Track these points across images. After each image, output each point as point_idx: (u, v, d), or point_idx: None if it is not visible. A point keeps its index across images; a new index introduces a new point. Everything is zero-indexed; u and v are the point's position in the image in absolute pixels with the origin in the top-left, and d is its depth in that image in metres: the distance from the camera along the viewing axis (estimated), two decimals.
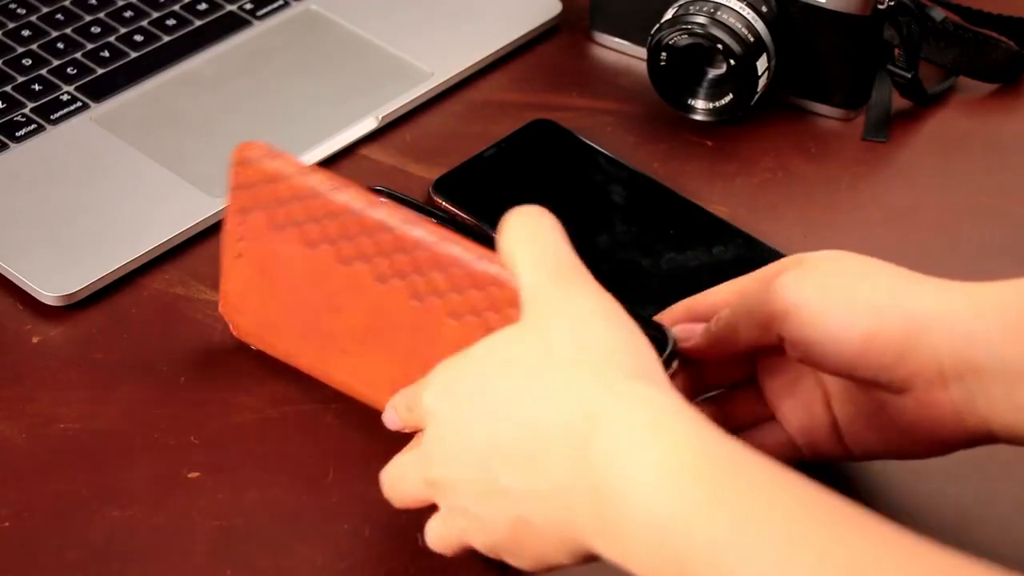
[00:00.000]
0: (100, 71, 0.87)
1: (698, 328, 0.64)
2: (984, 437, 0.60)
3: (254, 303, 0.70)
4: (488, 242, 0.62)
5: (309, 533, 0.67)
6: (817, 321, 0.60)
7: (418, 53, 0.88)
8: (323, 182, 0.66)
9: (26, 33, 0.89)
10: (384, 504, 0.67)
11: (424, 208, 0.76)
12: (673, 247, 0.77)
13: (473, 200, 0.79)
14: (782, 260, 0.64)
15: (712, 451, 0.52)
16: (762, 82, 0.82)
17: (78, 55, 0.87)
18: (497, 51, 0.89)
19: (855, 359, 0.59)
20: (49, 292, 0.75)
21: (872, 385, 0.61)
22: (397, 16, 0.91)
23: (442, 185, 0.81)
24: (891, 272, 0.61)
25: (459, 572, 0.65)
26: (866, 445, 0.63)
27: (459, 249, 0.63)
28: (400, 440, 0.64)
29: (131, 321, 0.75)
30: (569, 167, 0.82)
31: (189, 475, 0.69)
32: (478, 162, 0.82)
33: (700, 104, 0.84)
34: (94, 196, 0.80)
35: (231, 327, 0.72)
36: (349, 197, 0.65)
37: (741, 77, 0.82)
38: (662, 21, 0.83)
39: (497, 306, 0.62)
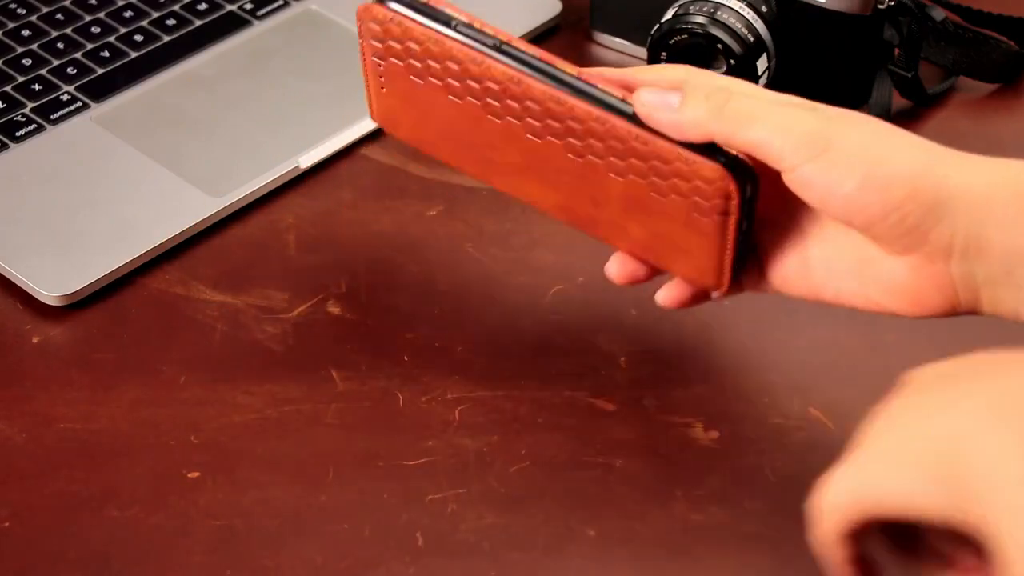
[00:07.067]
0: (100, 71, 0.87)
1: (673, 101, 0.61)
2: (968, 311, 0.61)
3: (404, 124, 0.69)
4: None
5: (309, 533, 0.67)
6: (845, 189, 0.58)
7: None
8: (459, 50, 0.63)
9: (26, 33, 0.89)
10: (384, 504, 0.68)
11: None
12: None
13: None
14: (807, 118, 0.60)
15: None
16: (762, 82, 0.82)
17: (78, 55, 0.88)
18: None
19: (870, 219, 0.59)
20: (49, 292, 0.75)
21: (869, 238, 0.60)
22: None
23: None
24: (916, 142, 0.60)
25: (461, 573, 0.65)
26: (844, 295, 0.63)
27: (613, 118, 0.61)
28: (401, 434, 0.64)
29: (131, 321, 0.75)
30: None
31: (189, 475, 0.69)
32: None
33: None
34: (94, 196, 0.80)
35: (385, 130, 0.71)
36: (488, 62, 0.62)
37: (741, 77, 0.82)
38: (662, 21, 0.83)
39: (662, 175, 0.61)
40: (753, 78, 0.82)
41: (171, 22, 0.90)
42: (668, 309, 0.68)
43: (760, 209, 0.63)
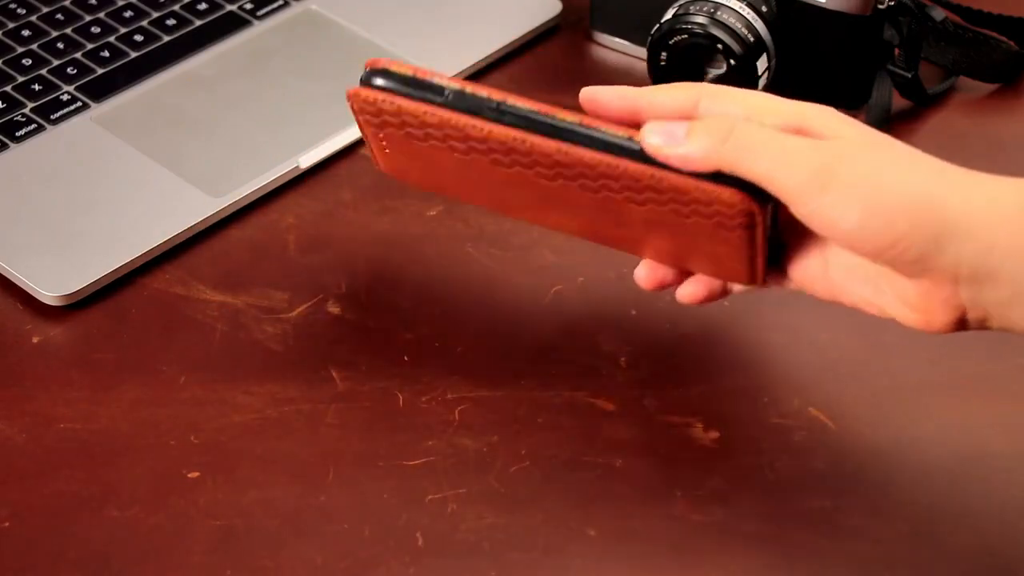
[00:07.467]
0: (100, 71, 0.87)
1: (679, 132, 0.62)
2: (978, 328, 0.61)
3: (413, 175, 0.69)
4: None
5: (309, 533, 0.67)
6: (848, 223, 0.59)
7: (418, 53, 0.88)
8: (456, 119, 0.63)
9: (26, 33, 0.89)
10: (384, 504, 0.68)
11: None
12: None
13: None
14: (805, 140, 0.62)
15: None
16: (762, 82, 0.82)
17: (78, 55, 0.88)
18: (497, 51, 0.89)
19: (875, 251, 0.59)
20: (49, 292, 0.75)
21: (878, 264, 0.61)
22: (397, 16, 0.91)
23: None
24: (918, 167, 0.60)
25: (461, 573, 0.65)
26: (860, 301, 0.64)
27: (624, 161, 0.61)
28: (402, 441, 0.64)
29: (131, 321, 0.75)
30: None
31: (189, 475, 0.69)
32: None
33: None
34: (94, 196, 0.80)
35: (395, 179, 0.71)
36: (488, 127, 0.62)
37: (741, 77, 0.82)
38: (662, 21, 0.83)
39: (682, 203, 0.62)
40: (753, 78, 0.82)
41: (171, 22, 0.90)
42: (689, 305, 0.69)
43: (783, 210, 0.63)
